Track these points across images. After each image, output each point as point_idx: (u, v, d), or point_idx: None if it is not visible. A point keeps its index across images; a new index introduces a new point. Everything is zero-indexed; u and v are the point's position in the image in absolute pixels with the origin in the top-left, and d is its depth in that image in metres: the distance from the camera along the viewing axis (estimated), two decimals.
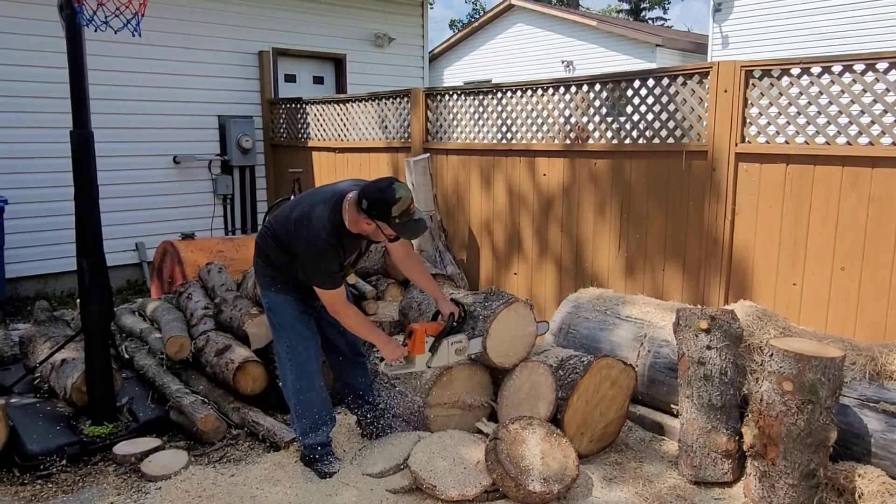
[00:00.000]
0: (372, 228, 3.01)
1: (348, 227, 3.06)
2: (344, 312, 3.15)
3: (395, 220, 2.92)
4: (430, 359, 3.27)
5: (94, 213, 3.60)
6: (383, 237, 3.07)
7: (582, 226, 4.97)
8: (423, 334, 3.25)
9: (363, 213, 2.96)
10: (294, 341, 3.27)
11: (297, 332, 3.27)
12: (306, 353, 3.29)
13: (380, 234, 3.05)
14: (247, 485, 3.24)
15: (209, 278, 5.02)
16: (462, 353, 3.37)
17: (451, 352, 3.33)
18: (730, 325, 3.29)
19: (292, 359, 3.28)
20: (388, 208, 2.90)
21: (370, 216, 2.95)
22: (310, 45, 8.87)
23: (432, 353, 3.26)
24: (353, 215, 3.03)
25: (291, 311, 3.25)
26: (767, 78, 3.95)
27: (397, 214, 2.91)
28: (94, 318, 3.63)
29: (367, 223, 2.99)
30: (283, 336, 3.28)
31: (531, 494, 2.98)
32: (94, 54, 3.87)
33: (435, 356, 3.27)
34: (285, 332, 3.27)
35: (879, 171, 3.56)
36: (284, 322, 3.26)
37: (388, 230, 2.99)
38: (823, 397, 2.87)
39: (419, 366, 3.27)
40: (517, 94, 5.30)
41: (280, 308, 3.25)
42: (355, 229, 3.06)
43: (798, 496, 2.95)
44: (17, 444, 3.42)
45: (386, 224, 2.95)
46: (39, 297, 6.51)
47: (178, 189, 7.77)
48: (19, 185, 6.55)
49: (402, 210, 2.91)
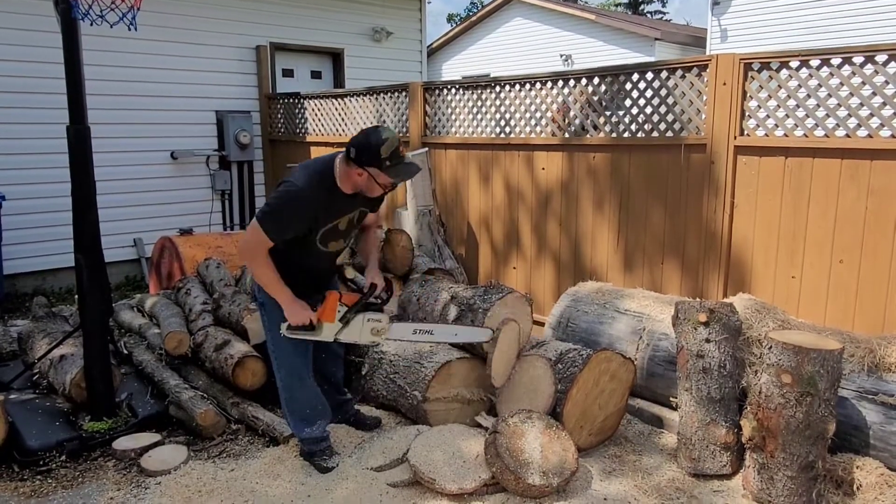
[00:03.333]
0: (364, 179, 2.90)
1: (340, 185, 2.96)
2: (257, 259, 2.96)
3: (386, 163, 2.83)
4: (339, 330, 3.04)
5: (92, 208, 3.59)
6: (378, 188, 2.95)
7: (580, 219, 4.96)
8: (336, 302, 3.02)
9: (353, 164, 2.88)
10: (285, 341, 3.19)
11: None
12: (296, 352, 3.22)
13: (374, 186, 2.93)
14: (246, 479, 3.24)
15: (208, 274, 5.02)
16: (380, 334, 3.09)
17: (365, 329, 3.07)
18: (728, 318, 3.29)
19: (283, 357, 3.23)
20: (377, 151, 2.81)
21: (360, 164, 2.86)
22: (308, 39, 8.85)
23: (343, 325, 3.04)
24: (342, 170, 2.94)
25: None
26: (766, 71, 3.94)
27: (387, 156, 2.82)
28: (92, 314, 3.63)
29: (359, 174, 2.89)
30: (274, 334, 3.21)
31: (530, 488, 2.98)
32: (90, 49, 3.86)
33: (346, 329, 3.04)
34: (277, 330, 3.19)
35: (878, 164, 3.56)
36: (278, 320, 3.16)
37: (381, 177, 2.88)
38: (822, 389, 2.88)
39: (325, 335, 3.05)
40: (515, 88, 5.29)
41: (273, 305, 3.14)
42: (348, 186, 2.96)
43: (797, 488, 2.96)
44: (16, 439, 3.42)
45: (377, 169, 2.85)
46: (38, 294, 6.51)
47: (176, 185, 7.76)
48: (17, 181, 6.53)
49: (391, 151, 2.82)
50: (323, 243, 3.09)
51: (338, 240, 3.15)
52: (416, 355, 3.75)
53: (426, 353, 3.74)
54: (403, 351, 3.84)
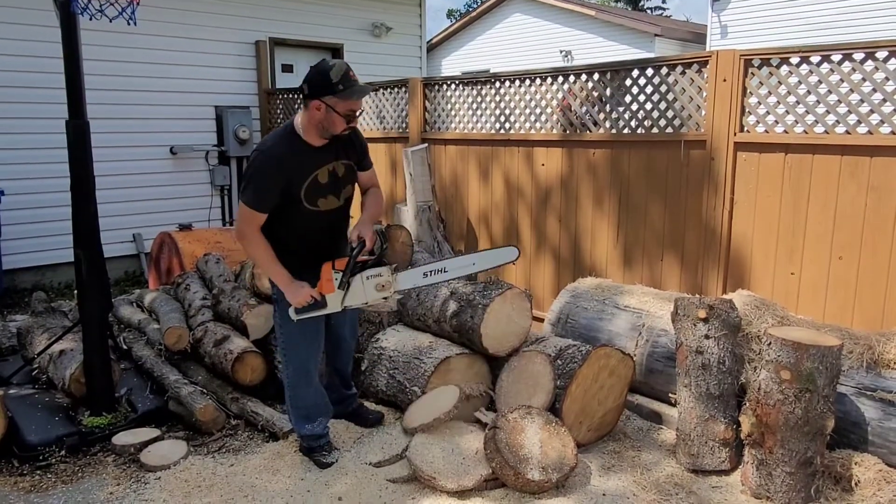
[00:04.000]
0: (322, 113, 2.91)
1: (305, 136, 2.99)
2: (249, 238, 2.97)
3: (339, 88, 2.86)
4: (343, 297, 2.95)
5: (91, 204, 3.59)
6: (339, 120, 2.93)
7: (580, 215, 4.96)
8: (330, 271, 2.93)
9: (309, 101, 2.91)
10: (297, 338, 3.21)
11: (302, 328, 3.17)
12: (308, 348, 3.25)
13: (333, 117, 2.92)
14: (246, 474, 3.25)
15: (207, 269, 5.02)
16: (385, 288, 2.99)
17: (368, 288, 2.97)
18: (728, 315, 3.29)
19: (292, 354, 3.25)
20: (326, 77, 2.86)
21: (314, 97, 2.89)
22: (307, 34, 8.83)
23: (344, 291, 2.95)
24: (303, 119, 2.99)
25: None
26: (766, 67, 3.93)
27: (338, 80, 2.85)
28: (91, 309, 3.62)
29: (317, 108, 2.90)
30: (285, 330, 3.23)
31: (530, 483, 2.99)
32: (89, 44, 3.85)
33: (348, 293, 2.95)
34: (289, 326, 3.19)
35: (878, 161, 3.55)
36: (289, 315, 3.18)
37: (339, 105, 2.89)
38: (821, 386, 2.88)
39: (332, 306, 2.98)
40: (515, 84, 5.28)
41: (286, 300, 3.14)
42: (313, 134, 2.98)
43: (795, 484, 2.97)
44: (16, 434, 3.43)
45: (332, 97, 2.87)
46: (37, 289, 6.50)
47: (176, 180, 7.75)
48: (16, 176, 6.52)
49: (340, 75, 2.86)
50: (310, 201, 3.03)
51: (325, 196, 3.08)
52: (415, 351, 3.75)
53: (425, 348, 3.74)
54: (403, 347, 3.84)
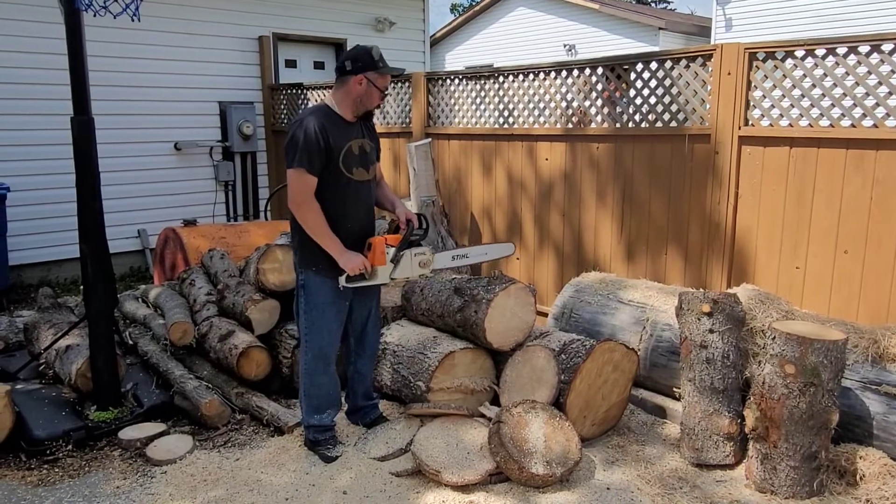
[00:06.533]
0: (364, 87, 3.18)
1: (339, 110, 3.22)
2: (307, 204, 3.11)
3: (380, 65, 3.19)
4: (392, 270, 3.22)
5: (96, 199, 3.60)
6: (376, 94, 3.23)
7: (583, 210, 4.96)
8: (384, 245, 3.21)
9: (350, 75, 3.17)
10: (319, 324, 3.27)
11: (326, 316, 3.27)
12: (329, 337, 3.31)
13: (373, 91, 3.21)
14: (251, 468, 3.27)
15: (212, 264, 5.03)
16: (426, 266, 3.31)
17: (414, 264, 3.27)
18: (732, 309, 3.29)
19: (313, 340, 3.30)
20: (370, 55, 3.18)
21: (357, 72, 3.16)
22: (310, 29, 8.82)
23: (395, 265, 3.22)
24: (339, 95, 3.23)
25: (326, 294, 3.24)
26: (771, 60, 3.91)
27: (378, 58, 3.20)
28: (97, 305, 3.64)
29: (359, 82, 3.18)
30: (310, 316, 3.28)
31: (534, 477, 3.00)
32: (93, 40, 3.86)
33: (398, 267, 3.23)
34: (314, 313, 3.27)
35: (883, 154, 3.54)
36: (317, 303, 3.25)
37: (379, 80, 3.20)
38: (825, 380, 2.88)
39: (381, 278, 3.23)
40: (518, 78, 5.26)
41: (316, 289, 3.24)
42: (347, 108, 3.22)
43: (799, 478, 2.97)
44: (23, 429, 3.45)
45: (374, 72, 3.18)
46: (43, 284, 6.54)
47: (180, 175, 7.76)
48: (22, 173, 6.54)
49: (379, 55, 3.21)
50: (347, 168, 3.21)
51: (358, 167, 3.27)
52: (419, 346, 3.76)
53: (429, 343, 3.74)
54: (407, 341, 3.84)
